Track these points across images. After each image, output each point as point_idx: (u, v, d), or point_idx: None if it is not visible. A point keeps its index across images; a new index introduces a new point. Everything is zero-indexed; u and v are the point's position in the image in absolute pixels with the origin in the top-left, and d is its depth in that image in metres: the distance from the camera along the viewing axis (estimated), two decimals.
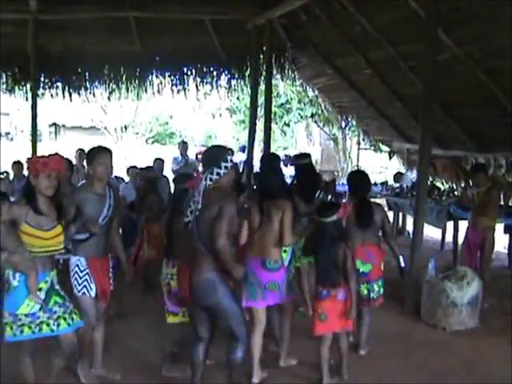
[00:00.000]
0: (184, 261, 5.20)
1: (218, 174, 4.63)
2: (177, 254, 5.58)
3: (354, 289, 5.38)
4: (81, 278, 5.28)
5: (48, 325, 4.65)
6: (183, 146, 13.11)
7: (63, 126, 35.53)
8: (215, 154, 4.80)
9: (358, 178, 6.65)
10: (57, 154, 4.89)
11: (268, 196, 5.54)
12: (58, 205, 4.79)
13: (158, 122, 35.19)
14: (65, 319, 4.73)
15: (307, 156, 7.22)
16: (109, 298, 5.57)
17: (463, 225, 9.43)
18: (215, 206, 4.49)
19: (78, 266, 5.29)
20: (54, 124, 34.68)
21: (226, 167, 4.66)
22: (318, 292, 5.45)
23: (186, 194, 5.17)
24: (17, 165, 10.58)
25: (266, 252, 5.50)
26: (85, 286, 5.29)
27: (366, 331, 6.35)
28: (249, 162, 11.83)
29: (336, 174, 20.89)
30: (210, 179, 4.61)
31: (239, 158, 14.26)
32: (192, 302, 4.92)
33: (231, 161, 4.72)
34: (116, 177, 11.68)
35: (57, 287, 4.83)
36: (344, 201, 7.10)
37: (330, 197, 7.14)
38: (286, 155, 13.75)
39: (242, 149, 12.87)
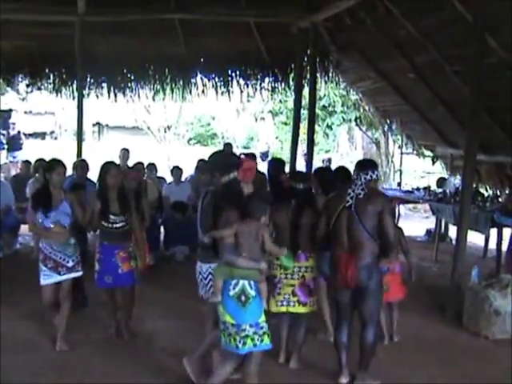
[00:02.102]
0: (344, 247, 5.50)
1: (370, 176, 5.55)
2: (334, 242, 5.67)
3: (410, 259, 6.64)
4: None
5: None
6: (227, 147, 13.12)
7: (106, 125, 35.81)
8: (369, 164, 5.83)
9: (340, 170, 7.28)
10: None
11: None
12: None
13: (200, 123, 35.31)
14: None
15: None
16: None
17: (507, 232, 9.33)
18: (379, 203, 5.44)
19: (211, 273, 5.22)
20: (98, 123, 34.98)
21: (373, 175, 5.60)
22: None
23: (308, 191, 6.00)
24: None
25: None
26: None
27: (396, 323, 6.80)
28: (292, 164, 11.85)
29: None
30: (365, 178, 5.52)
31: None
32: (352, 285, 5.43)
33: (376, 173, 5.65)
34: (159, 177, 11.76)
35: None
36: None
37: None
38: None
39: (264, 155, 12.59)
